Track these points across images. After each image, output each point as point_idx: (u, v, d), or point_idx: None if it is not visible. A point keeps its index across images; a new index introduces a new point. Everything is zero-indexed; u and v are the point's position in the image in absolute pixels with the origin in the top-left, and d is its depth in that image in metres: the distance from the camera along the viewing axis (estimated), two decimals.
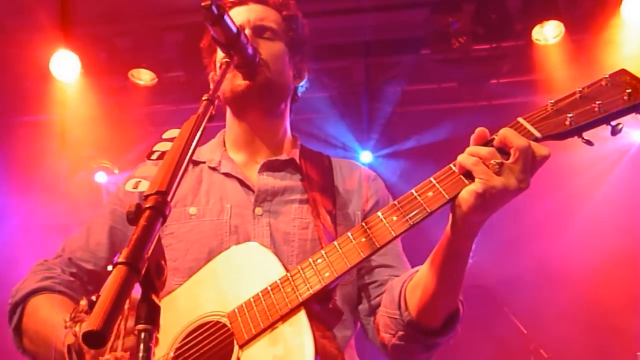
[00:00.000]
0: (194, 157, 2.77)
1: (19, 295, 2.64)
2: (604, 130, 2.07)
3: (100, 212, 2.90)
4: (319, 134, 8.02)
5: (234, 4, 2.92)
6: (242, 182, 2.79)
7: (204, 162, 2.89)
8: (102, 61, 7.46)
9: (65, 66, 7.28)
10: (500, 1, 6.99)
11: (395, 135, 8.34)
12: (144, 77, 7.69)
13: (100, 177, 8.81)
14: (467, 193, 2.01)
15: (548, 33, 6.93)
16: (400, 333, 2.40)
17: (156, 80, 7.69)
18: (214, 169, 2.87)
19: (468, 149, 2.06)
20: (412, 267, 2.63)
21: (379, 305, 2.62)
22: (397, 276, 2.62)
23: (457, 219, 2.08)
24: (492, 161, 1.97)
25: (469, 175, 2.04)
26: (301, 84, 3.08)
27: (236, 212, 2.71)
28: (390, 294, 2.51)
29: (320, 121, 8.05)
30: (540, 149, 2.01)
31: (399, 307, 2.39)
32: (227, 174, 2.83)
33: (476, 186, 1.98)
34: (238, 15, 2.84)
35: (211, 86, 2.95)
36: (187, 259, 2.62)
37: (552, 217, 7.60)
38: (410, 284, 2.40)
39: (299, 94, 3.11)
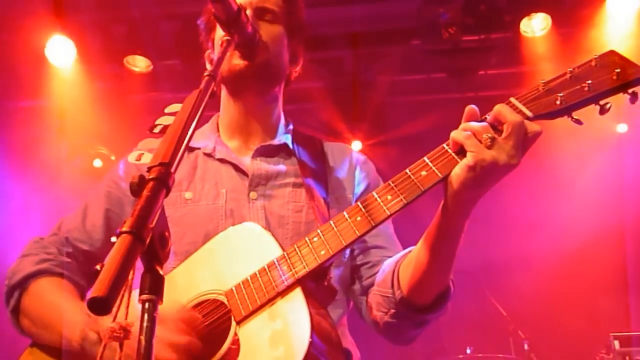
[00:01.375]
0: (190, 144, 2.91)
1: (17, 277, 2.64)
2: (588, 119, 2.11)
3: (96, 195, 2.90)
4: (310, 122, 8.00)
5: None
6: (236, 167, 2.81)
7: (199, 148, 2.90)
8: (98, 47, 7.43)
9: (60, 52, 7.29)
10: None
11: (385, 125, 8.43)
12: (139, 64, 7.70)
13: (98, 164, 8.85)
14: (459, 168, 2.04)
15: (536, 25, 7.03)
16: (392, 311, 2.45)
17: (151, 67, 7.69)
18: (208, 155, 2.88)
19: (461, 125, 2.09)
20: (404, 249, 2.68)
21: (371, 285, 2.66)
22: (389, 257, 2.66)
23: (450, 196, 2.11)
24: (485, 135, 2.00)
25: (462, 153, 2.06)
26: (296, 68, 3.08)
27: (231, 196, 2.73)
28: (383, 274, 2.56)
29: (312, 110, 8.07)
30: (533, 126, 2.04)
31: (392, 286, 2.43)
32: (221, 160, 2.85)
33: (467, 159, 2.01)
34: None
35: (207, 65, 3.03)
36: (184, 242, 2.62)
37: (532, 204, 7.72)
38: (403, 263, 2.44)
39: (293, 79, 3.10)
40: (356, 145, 8.46)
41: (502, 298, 7.51)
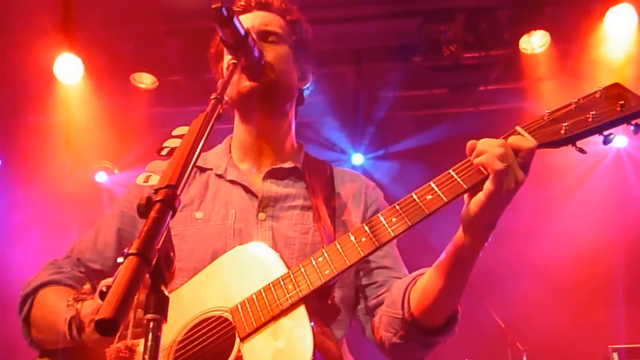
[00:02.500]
0: (202, 164, 2.91)
1: (30, 287, 2.69)
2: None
3: (109, 214, 2.93)
4: (313, 136, 8.14)
5: (239, 12, 2.88)
6: (246, 189, 2.82)
7: (211, 169, 2.92)
8: (105, 64, 7.52)
9: (68, 69, 7.41)
10: (489, 11, 7.16)
11: (387, 139, 8.51)
12: (145, 80, 7.81)
13: (101, 177, 8.92)
14: (477, 200, 2.10)
15: (535, 42, 7.13)
16: (402, 332, 2.46)
17: (157, 83, 7.79)
18: (220, 176, 2.89)
19: (482, 147, 2.10)
20: (407, 268, 2.77)
21: (378, 304, 2.68)
22: (396, 277, 2.70)
23: (469, 225, 2.16)
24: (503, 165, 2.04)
25: (468, 181, 2.13)
26: (306, 85, 3.08)
27: (240, 216, 2.74)
28: (392, 295, 2.56)
29: (315, 124, 8.17)
30: (523, 141, 2.11)
31: (402, 307, 2.44)
32: (232, 181, 2.86)
33: (490, 188, 2.05)
34: (243, 22, 2.81)
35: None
36: (192, 260, 2.64)
37: (530, 216, 7.72)
38: (415, 285, 2.45)
39: (305, 96, 3.12)
40: (357, 158, 8.52)
41: (501, 309, 7.55)
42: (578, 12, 6.88)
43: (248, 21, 2.86)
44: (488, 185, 2.07)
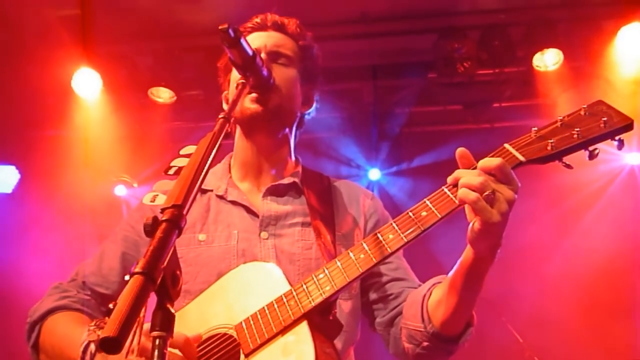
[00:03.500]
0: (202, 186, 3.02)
1: (37, 314, 2.70)
2: (601, 153, 2.18)
3: (113, 238, 2.95)
4: (330, 152, 8.19)
5: (254, 29, 3.00)
6: (247, 209, 2.86)
7: (211, 190, 2.95)
8: (123, 79, 7.59)
9: (86, 83, 7.44)
10: (503, 29, 7.20)
11: (403, 154, 8.50)
12: (163, 95, 7.86)
13: (120, 190, 8.93)
14: (473, 232, 2.14)
15: (548, 60, 7.15)
16: (425, 344, 2.50)
17: (175, 98, 7.85)
18: (221, 197, 2.92)
19: (462, 182, 2.10)
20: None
21: (397, 315, 2.74)
22: (411, 287, 2.76)
23: (473, 245, 2.21)
24: (486, 193, 2.05)
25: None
26: (308, 111, 3.14)
27: (243, 236, 2.78)
28: (411, 308, 2.61)
29: (332, 140, 8.22)
30: (489, 161, 2.13)
31: (423, 320, 2.49)
32: (233, 202, 2.90)
33: (478, 226, 2.10)
34: (257, 39, 2.92)
35: (224, 104, 3.13)
36: (198, 282, 2.67)
37: (547, 233, 7.73)
38: (431, 299, 2.50)
39: (305, 121, 3.17)
40: (374, 174, 8.52)
41: (519, 324, 7.52)
42: (590, 31, 6.94)
43: (262, 40, 2.94)
44: (476, 217, 2.12)
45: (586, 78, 6.88)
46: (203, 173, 1.84)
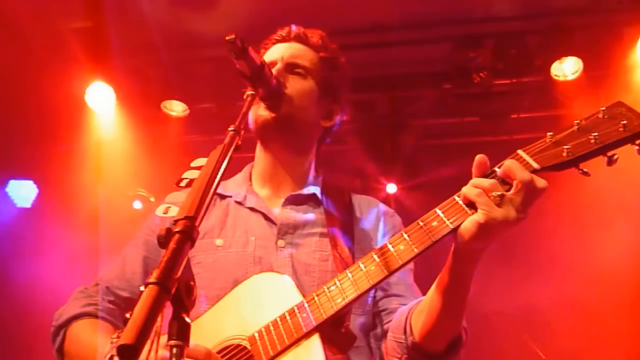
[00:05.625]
0: (222, 191, 2.97)
1: (63, 319, 2.75)
2: (628, 158, 2.11)
3: (134, 243, 2.99)
4: (343, 164, 8.05)
5: (278, 41, 3.03)
6: (265, 216, 2.87)
7: (230, 196, 2.98)
8: (136, 92, 7.62)
9: (100, 97, 7.48)
10: (519, 37, 7.08)
11: (419, 168, 8.41)
12: (176, 108, 7.88)
13: (137, 205, 8.96)
14: (470, 223, 2.07)
15: (567, 69, 7.01)
16: (405, 356, 2.47)
17: (188, 111, 7.86)
18: (239, 203, 2.95)
19: (472, 181, 2.12)
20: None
21: (387, 330, 2.69)
22: (406, 304, 2.70)
23: (460, 247, 2.16)
24: (494, 193, 2.03)
25: (472, 206, 2.09)
26: (331, 125, 3.12)
27: (260, 244, 2.79)
28: (397, 320, 2.59)
29: (347, 152, 8.09)
30: (539, 181, 2.06)
31: (404, 332, 2.46)
32: (252, 208, 2.92)
33: (478, 217, 2.04)
34: (277, 51, 2.96)
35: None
36: (215, 287, 2.68)
37: (570, 247, 7.62)
38: (416, 309, 2.47)
39: (330, 136, 3.17)
40: (391, 188, 8.44)
41: (542, 342, 7.42)
42: (610, 38, 6.80)
43: (281, 51, 2.95)
44: (476, 218, 2.07)
45: (607, 87, 6.72)
46: (214, 185, 1.85)
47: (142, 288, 1.44)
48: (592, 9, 6.85)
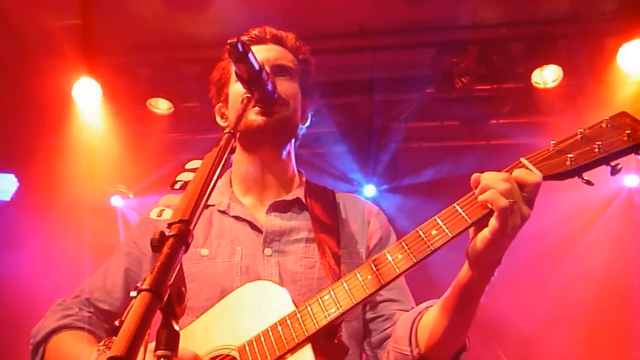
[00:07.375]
0: None
1: (40, 335, 2.70)
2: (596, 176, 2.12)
3: (117, 255, 2.94)
4: (325, 167, 8.12)
5: (253, 42, 2.94)
6: (252, 225, 2.85)
7: (213, 205, 2.92)
8: (122, 89, 7.64)
9: (87, 93, 7.48)
10: (502, 44, 7.17)
11: (399, 171, 8.44)
12: (161, 106, 7.88)
13: (116, 201, 8.97)
14: (482, 238, 2.09)
15: (547, 76, 7.08)
16: None
17: (173, 109, 7.87)
18: (223, 212, 2.91)
19: (487, 183, 2.08)
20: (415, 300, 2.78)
21: (385, 338, 2.70)
22: (403, 310, 2.71)
23: (475, 261, 2.16)
24: (509, 201, 2.01)
25: (473, 215, 2.12)
26: (305, 125, 3.12)
27: (247, 253, 2.76)
28: (400, 330, 2.57)
29: (327, 155, 8.17)
30: (529, 175, 2.09)
31: (410, 344, 2.45)
32: (236, 217, 2.88)
33: (495, 226, 2.04)
34: (258, 54, 2.82)
35: (217, 118, 3.10)
36: (201, 298, 2.65)
37: (542, 257, 7.59)
38: (422, 322, 2.46)
39: (300, 134, 3.14)
40: (370, 190, 8.48)
41: (514, 353, 7.48)
42: (591, 48, 6.92)
43: (263, 54, 2.91)
44: (493, 223, 2.06)
45: (587, 95, 6.81)
46: (209, 188, 1.83)
47: (133, 294, 1.41)
48: (575, 19, 6.96)
